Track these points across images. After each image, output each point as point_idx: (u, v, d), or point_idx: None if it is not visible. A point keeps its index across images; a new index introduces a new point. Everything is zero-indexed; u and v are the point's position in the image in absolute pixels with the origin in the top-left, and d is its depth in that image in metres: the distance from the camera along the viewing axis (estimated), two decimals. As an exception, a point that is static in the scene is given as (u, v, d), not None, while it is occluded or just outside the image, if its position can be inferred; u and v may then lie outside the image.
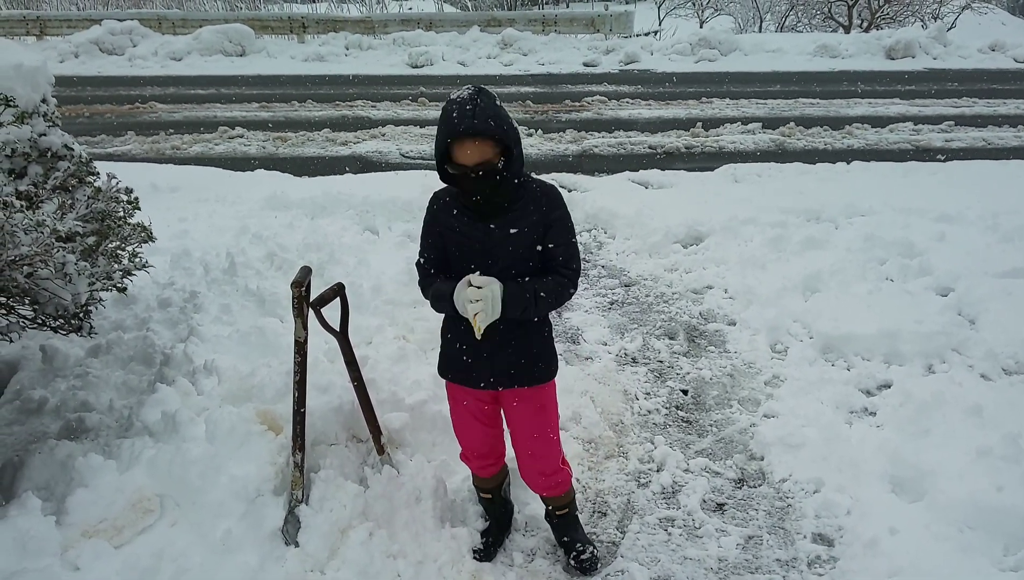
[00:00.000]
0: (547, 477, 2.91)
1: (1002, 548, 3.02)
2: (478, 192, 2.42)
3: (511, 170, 2.42)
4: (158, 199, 6.74)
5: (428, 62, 16.42)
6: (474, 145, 2.33)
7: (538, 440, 2.84)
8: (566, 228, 2.59)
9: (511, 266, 2.54)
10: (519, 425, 2.83)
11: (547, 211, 2.54)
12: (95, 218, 3.33)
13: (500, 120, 2.35)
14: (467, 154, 2.34)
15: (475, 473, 3.05)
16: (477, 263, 2.53)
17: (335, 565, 2.84)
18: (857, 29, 23.33)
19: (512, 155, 2.39)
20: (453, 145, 2.34)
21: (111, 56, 17.05)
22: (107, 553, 2.75)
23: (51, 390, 3.69)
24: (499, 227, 2.51)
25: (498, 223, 2.51)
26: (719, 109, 12.04)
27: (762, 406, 4.15)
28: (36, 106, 3.39)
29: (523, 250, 2.54)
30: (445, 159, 2.40)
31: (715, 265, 5.89)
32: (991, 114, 11.52)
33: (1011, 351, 4.46)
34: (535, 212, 2.53)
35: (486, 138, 2.33)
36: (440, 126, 2.36)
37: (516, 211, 2.52)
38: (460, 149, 2.34)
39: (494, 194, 2.45)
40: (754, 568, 3.08)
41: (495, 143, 2.35)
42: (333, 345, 3.29)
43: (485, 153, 2.34)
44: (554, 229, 2.56)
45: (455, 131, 2.30)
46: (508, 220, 2.51)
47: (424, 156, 9.64)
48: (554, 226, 2.56)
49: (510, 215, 2.51)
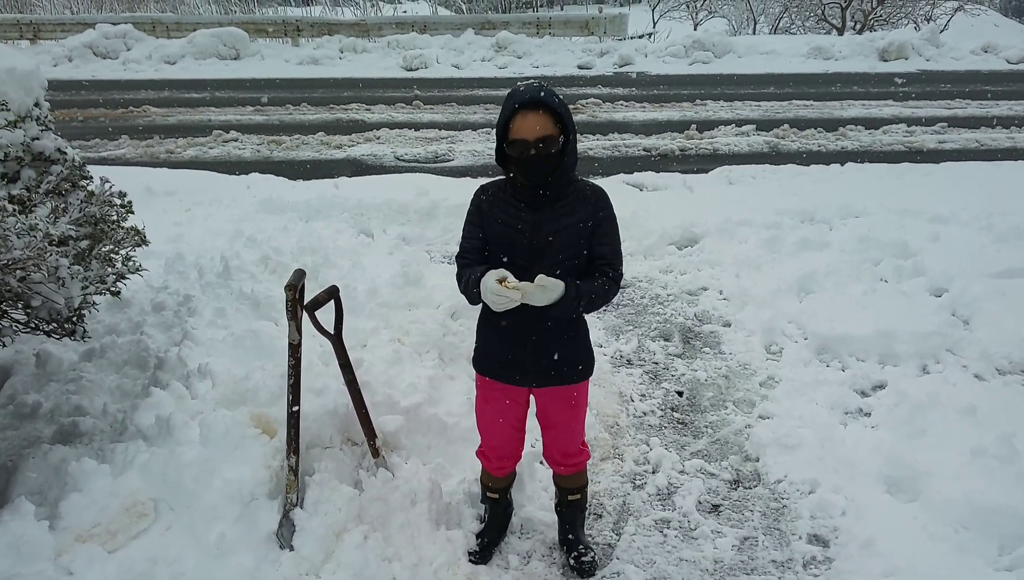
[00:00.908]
0: (569, 457, 2.95)
1: (997, 548, 3.02)
2: (537, 173, 2.46)
3: (568, 157, 2.49)
4: (152, 203, 6.72)
5: (423, 65, 16.45)
6: (538, 116, 2.41)
7: (567, 432, 2.89)
8: (614, 228, 2.63)
9: (556, 261, 2.55)
10: (551, 417, 2.86)
11: (595, 210, 2.57)
12: (88, 222, 3.32)
13: (563, 103, 2.46)
14: (529, 126, 2.40)
15: (488, 471, 3.05)
16: (523, 257, 2.55)
17: (330, 568, 2.83)
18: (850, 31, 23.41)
19: (569, 142, 2.47)
20: (517, 116, 2.42)
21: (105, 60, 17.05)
22: (101, 558, 2.74)
23: (44, 394, 3.68)
24: (548, 221, 2.53)
25: (548, 216, 2.53)
26: (713, 111, 12.07)
27: (757, 407, 4.15)
28: (29, 110, 3.38)
29: (570, 246, 2.56)
30: (505, 138, 2.46)
31: (710, 267, 5.90)
32: (984, 115, 11.57)
33: (1005, 351, 4.48)
34: (584, 209, 2.56)
35: (550, 113, 2.41)
36: (506, 102, 2.45)
37: (566, 206, 2.54)
38: (524, 121, 2.41)
39: (549, 180, 2.48)
40: (750, 569, 3.08)
41: (556, 122, 2.43)
42: (327, 348, 3.29)
43: (547, 128, 2.41)
44: (602, 228, 2.60)
45: (523, 98, 2.41)
46: (558, 213, 2.54)
47: (419, 159, 9.64)
48: (603, 225, 2.59)
49: (560, 209, 2.54)
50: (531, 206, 2.54)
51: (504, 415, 2.84)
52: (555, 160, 2.46)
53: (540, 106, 2.41)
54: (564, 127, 2.46)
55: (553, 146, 2.43)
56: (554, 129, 2.43)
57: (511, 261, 2.56)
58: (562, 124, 2.45)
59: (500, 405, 2.83)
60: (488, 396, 2.85)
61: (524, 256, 2.55)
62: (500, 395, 2.80)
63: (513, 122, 2.43)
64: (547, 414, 2.87)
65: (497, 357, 2.72)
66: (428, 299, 4.92)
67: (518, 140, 2.43)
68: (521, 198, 2.55)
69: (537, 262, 2.53)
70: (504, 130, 2.47)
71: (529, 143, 2.41)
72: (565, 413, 2.84)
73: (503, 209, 2.58)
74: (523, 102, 2.41)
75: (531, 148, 2.42)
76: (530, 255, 2.54)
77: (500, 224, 2.58)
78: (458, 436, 3.59)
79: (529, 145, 2.41)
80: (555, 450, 2.94)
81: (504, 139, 2.48)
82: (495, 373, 2.77)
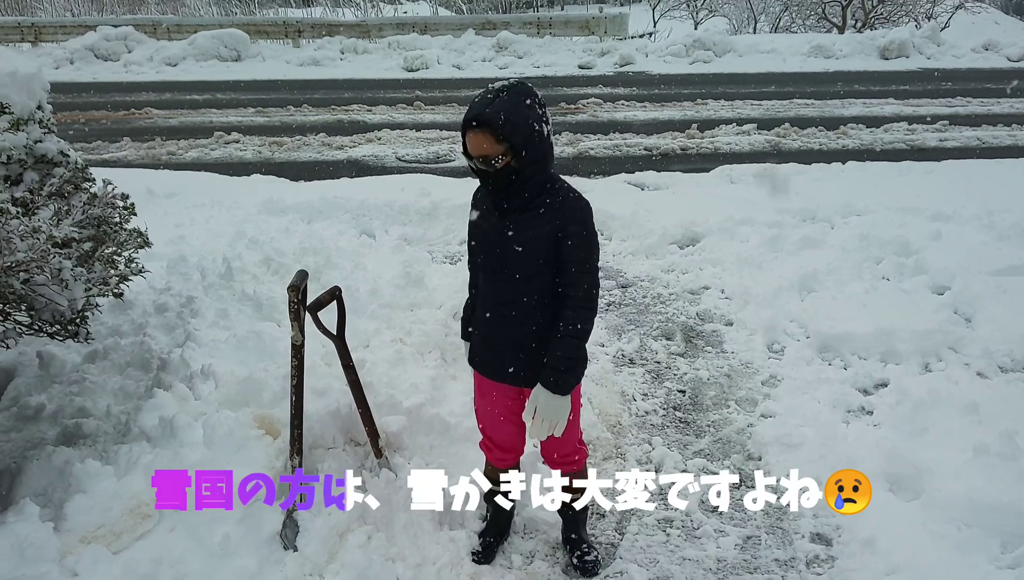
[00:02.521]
0: (566, 456, 2.94)
1: (999, 545, 3.02)
2: (487, 184, 2.46)
3: (527, 169, 2.40)
4: (154, 205, 6.73)
5: (423, 66, 16.46)
6: (476, 136, 2.35)
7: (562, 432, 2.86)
8: (585, 243, 2.49)
9: (520, 271, 2.53)
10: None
11: (564, 223, 2.46)
12: (91, 224, 3.33)
13: (515, 118, 2.31)
14: (473, 143, 2.37)
15: (492, 463, 3.06)
16: (491, 263, 2.57)
17: (334, 569, 2.83)
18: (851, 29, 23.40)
19: (523, 155, 2.37)
20: (467, 130, 2.38)
21: (106, 62, 17.08)
22: (106, 559, 2.74)
23: (48, 396, 3.68)
24: (516, 229, 2.49)
25: (515, 224, 2.49)
26: (714, 110, 12.06)
27: (759, 406, 4.15)
28: (31, 113, 3.39)
29: (532, 259, 2.50)
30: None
31: (711, 266, 5.90)
32: (985, 113, 11.56)
33: (1007, 349, 4.48)
34: (552, 221, 2.46)
35: (489, 132, 2.32)
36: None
37: (535, 217, 2.48)
38: (470, 136, 2.37)
39: (506, 192, 2.46)
40: (753, 568, 3.08)
41: (499, 139, 2.33)
42: (330, 349, 3.29)
43: (489, 146, 2.34)
44: (570, 243, 2.47)
45: (468, 115, 2.35)
46: (523, 223, 2.49)
47: (420, 160, 9.65)
48: (571, 240, 2.46)
49: (527, 219, 2.48)
50: (501, 213, 2.53)
51: (500, 410, 2.85)
52: (505, 174, 2.39)
53: (481, 125, 2.32)
54: (512, 145, 2.33)
55: (498, 163, 2.36)
56: (496, 147, 2.33)
57: (480, 260, 2.61)
58: (510, 141, 2.33)
59: (494, 400, 2.84)
60: (483, 390, 2.87)
61: (492, 262, 2.57)
62: (492, 390, 2.82)
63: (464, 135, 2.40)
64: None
65: (487, 356, 2.74)
66: (430, 299, 4.93)
67: (465, 153, 2.42)
68: (494, 203, 2.55)
69: (503, 269, 2.54)
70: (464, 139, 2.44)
71: (473, 157, 2.40)
72: None
73: (481, 213, 2.60)
74: (465, 119, 2.36)
75: (471, 164, 2.41)
76: (498, 261, 2.56)
77: (476, 227, 2.62)
78: (461, 436, 3.59)
79: (473, 160, 2.40)
80: (551, 451, 2.93)
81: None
82: (486, 370, 2.78)
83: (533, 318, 2.59)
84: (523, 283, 2.54)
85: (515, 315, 2.60)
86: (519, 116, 2.33)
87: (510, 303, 2.59)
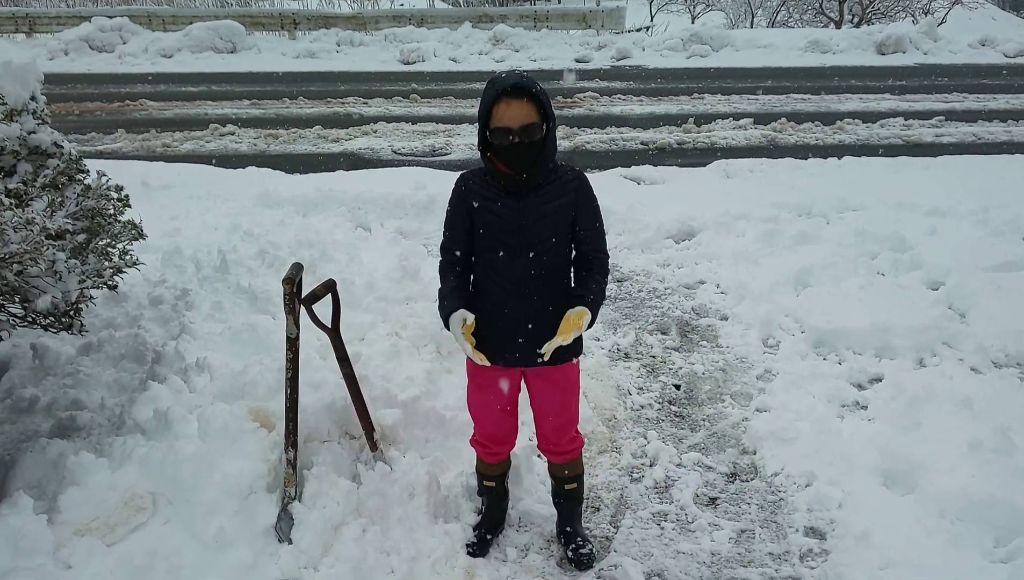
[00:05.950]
0: (563, 443, 2.95)
1: (993, 540, 3.03)
2: (520, 161, 2.47)
3: (548, 144, 2.51)
4: (149, 197, 6.71)
5: (420, 58, 16.40)
6: (521, 104, 2.42)
7: (561, 414, 2.89)
8: (596, 210, 2.69)
9: (542, 245, 2.60)
10: (544, 400, 2.87)
11: (577, 195, 2.62)
12: (85, 216, 3.31)
13: (543, 90, 2.47)
14: (513, 114, 2.41)
15: (483, 459, 3.05)
16: (509, 241, 2.59)
17: (328, 562, 2.84)
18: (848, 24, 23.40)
19: (550, 129, 2.49)
20: (500, 103, 2.42)
21: (101, 53, 16.97)
22: (100, 551, 2.74)
23: (42, 388, 3.68)
24: (533, 207, 2.57)
25: (532, 203, 2.57)
26: (711, 105, 12.06)
27: (754, 400, 4.16)
28: (25, 104, 3.37)
29: (556, 232, 2.61)
30: (487, 126, 2.46)
31: (707, 260, 5.90)
32: (981, 109, 11.58)
33: (1001, 344, 4.49)
34: (567, 194, 2.60)
35: (532, 100, 2.42)
36: (486, 91, 2.45)
37: (550, 192, 2.58)
38: (507, 108, 2.42)
39: (533, 168, 2.50)
40: (747, 562, 3.09)
41: (538, 109, 2.44)
42: (325, 342, 3.29)
43: (531, 115, 2.43)
44: (586, 211, 2.65)
45: (505, 86, 2.41)
46: (541, 199, 2.57)
47: (416, 153, 9.63)
48: (584, 211, 2.65)
49: (544, 195, 2.57)
50: (514, 194, 2.56)
51: (497, 398, 2.85)
52: (538, 148, 2.48)
53: (523, 93, 2.42)
54: (546, 114, 2.47)
55: (536, 133, 2.45)
56: (537, 116, 2.45)
57: (500, 247, 2.61)
58: (544, 111, 2.46)
59: (493, 389, 2.83)
60: (480, 382, 2.86)
61: (512, 243, 2.59)
62: (493, 378, 2.81)
63: (496, 110, 2.43)
64: (540, 397, 2.87)
65: (489, 339, 2.71)
66: (426, 293, 4.92)
67: (501, 128, 2.43)
68: (504, 187, 2.57)
69: (525, 248, 2.59)
70: (487, 118, 2.46)
71: (513, 131, 2.42)
72: (559, 396, 2.85)
73: (487, 197, 2.60)
74: (505, 89, 2.41)
75: (515, 136, 2.42)
76: (518, 241, 2.59)
77: (487, 212, 2.61)
78: (456, 430, 3.59)
79: (513, 133, 2.42)
80: (549, 436, 2.94)
81: (487, 127, 2.48)
82: (488, 356, 2.76)
83: (552, 290, 2.67)
84: (542, 257, 2.62)
85: (536, 287, 2.65)
86: (545, 92, 2.49)
87: (530, 278, 2.64)
